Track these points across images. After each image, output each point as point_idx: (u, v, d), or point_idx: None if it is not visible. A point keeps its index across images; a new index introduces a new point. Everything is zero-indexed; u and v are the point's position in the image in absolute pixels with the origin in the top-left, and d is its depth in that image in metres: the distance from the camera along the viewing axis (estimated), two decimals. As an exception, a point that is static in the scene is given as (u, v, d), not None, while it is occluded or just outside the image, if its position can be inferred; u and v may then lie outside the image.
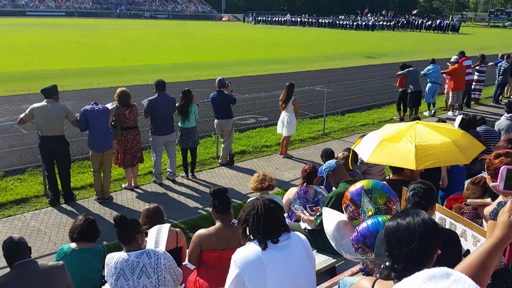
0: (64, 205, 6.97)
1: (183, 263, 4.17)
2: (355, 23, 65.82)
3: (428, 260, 1.97)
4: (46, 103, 6.65)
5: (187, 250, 3.94)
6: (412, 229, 1.98)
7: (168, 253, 3.38)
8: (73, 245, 4.06)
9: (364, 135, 4.82)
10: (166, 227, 3.90)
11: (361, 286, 2.07)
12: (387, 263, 2.05)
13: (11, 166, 8.42)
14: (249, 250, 2.61)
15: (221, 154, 9.01)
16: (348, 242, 3.49)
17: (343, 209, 3.64)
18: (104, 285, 4.15)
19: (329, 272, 4.46)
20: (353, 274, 3.60)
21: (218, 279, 3.56)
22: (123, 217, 3.32)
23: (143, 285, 3.26)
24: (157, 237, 3.80)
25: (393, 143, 4.22)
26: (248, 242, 2.69)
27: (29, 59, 22.90)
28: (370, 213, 3.41)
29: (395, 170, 4.25)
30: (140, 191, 7.62)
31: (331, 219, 3.78)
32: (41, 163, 7.04)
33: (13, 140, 10.01)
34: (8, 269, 3.25)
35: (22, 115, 6.66)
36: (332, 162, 4.39)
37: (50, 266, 3.32)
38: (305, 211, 4.72)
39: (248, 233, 2.70)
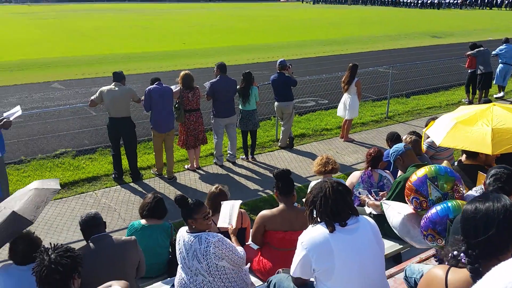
0: (132, 184, 7.29)
1: (247, 243, 4.23)
2: (419, 1, 62.73)
3: (506, 249, 1.84)
4: (114, 86, 6.94)
5: (251, 231, 3.99)
6: (491, 216, 1.86)
7: (224, 240, 3.34)
8: (143, 221, 4.24)
9: (435, 118, 4.59)
10: (238, 203, 3.95)
11: (433, 274, 1.98)
12: (455, 252, 1.94)
13: (82, 146, 8.92)
14: (316, 232, 2.59)
15: (280, 137, 9.00)
16: (416, 234, 3.36)
17: (408, 201, 3.49)
18: (170, 258, 4.34)
19: (393, 258, 4.35)
20: (421, 261, 3.47)
21: (281, 259, 3.57)
22: (183, 198, 3.37)
23: (195, 268, 3.32)
24: (231, 212, 3.87)
25: (468, 126, 3.99)
26: (315, 224, 2.66)
27: (95, 44, 23.98)
28: (438, 202, 3.26)
29: (469, 154, 4.03)
30: (202, 172, 7.80)
31: (393, 212, 3.64)
32: (110, 143, 7.40)
33: (84, 121, 10.57)
34: (84, 242, 3.45)
35: (92, 97, 6.99)
36: (400, 145, 4.23)
37: (123, 240, 3.48)
38: (370, 196, 4.61)
39: (315, 215, 2.67)
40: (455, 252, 1.92)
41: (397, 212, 3.56)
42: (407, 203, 3.55)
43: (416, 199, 3.38)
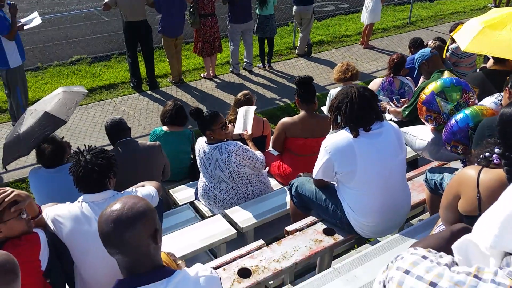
0: (149, 92, 7.31)
1: (267, 150, 4.32)
2: None
3: None
4: (127, -12, 6.64)
5: (271, 137, 4.04)
6: None
7: (243, 147, 3.38)
8: (165, 128, 4.31)
9: (460, 23, 4.37)
10: (252, 108, 3.95)
11: (465, 173, 2.00)
12: (486, 154, 1.95)
13: (97, 52, 8.82)
14: (340, 137, 2.61)
15: (298, 44, 8.75)
16: (443, 152, 3.36)
17: (424, 121, 3.46)
18: (191, 164, 4.48)
19: (410, 164, 4.43)
20: (440, 165, 3.53)
21: (301, 165, 3.66)
22: (198, 110, 3.37)
23: (218, 176, 3.42)
24: (245, 119, 3.91)
25: (496, 31, 3.78)
26: (339, 129, 2.68)
27: None
28: (452, 113, 3.23)
29: (497, 60, 3.89)
30: (218, 80, 7.74)
31: (415, 139, 3.58)
32: (125, 50, 7.28)
33: (96, 27, 10.33)
34: (111, 147, 3.56)
35: (106, 0, 6.75)
36: (426, 50, 4.08)
37: (149, 145, 3.58)
38: (391, 103, 4.57)
39: (339, 121, 2.67)
40: (487, 154, 1.94)
41: (419, 139, 3.54)
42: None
43: (430, 117, 3.35)
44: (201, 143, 3.49)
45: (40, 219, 2.23)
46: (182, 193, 4.08)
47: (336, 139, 2.62)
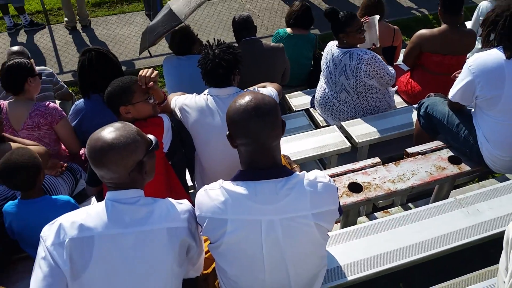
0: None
1: (395, 63, 3.99)
2: None
3: None
4: None
5: (404, 50, 3.69)
6: None
7: (377, 57, 3.09)
8: (289, 30, 4.16)
9: None
10: (376, 18, 3.55)
11: None
12: None
13: None
14: (490, 57, 2.26)
15: None
16: None
17: None
18: (311, 70, 4.35)
19: None
20: None
21: (433, 84, 3.33)
22: (333, 10, 3.11)
23: (341, 84, 3.22)
24: (371, 31, 3.56)
25: None
26: (489, 48, 2.32)
27: None
28: None
29: None
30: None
31: None
32: None
33: None
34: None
35: None
36: None
37: (272, 46, 3.50)
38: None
39: (492, 38, 2.30)
40: None
41: None
42: None
43: None
44: (331, 46, 3.28)
45: (166, 106, 2.34)
46: (298, 100, 4.02)
47: (485, 58, 2.28)
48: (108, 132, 1.41)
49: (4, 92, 3.64)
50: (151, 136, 1.53)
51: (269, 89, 2.34)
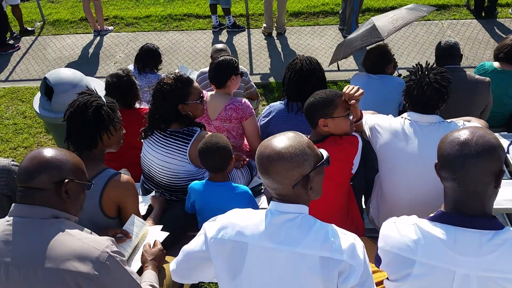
0: (483, 20, 6.43)
1: None
2: None
3: None
4: None
5: None
6: None
7: None
8: (496, 64, 3.72)
9: None
10: None
11: None
12: None
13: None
14: None
15: None
16: None
17: None
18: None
19: None
20: None
21: None
22: None
23: None
24: None
25: None
26: None
27: None
28: None
29: None
30: None
31: None
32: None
33: None
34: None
35: None
36: None
37: (477, 79, 3.18)
38: None
39: None
40: None
41: None
42: None
43: None
44: None
45: (359, 125, 2.28)
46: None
47: None
48: (278, 141, 1.38)
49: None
50: (323, 151, 1.45)
51: (476, 124, 2.09)
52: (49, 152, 1.48)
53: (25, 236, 1.38)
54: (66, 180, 1.47)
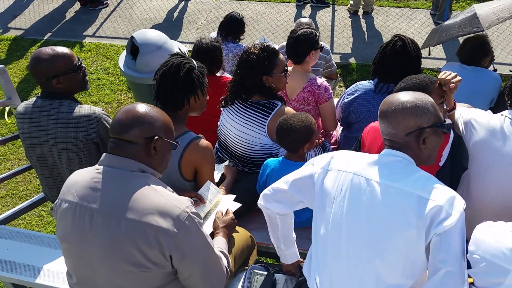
0: None
1: None
2: None
3: None
4: None
5: None
6: None
7: None
8: None
9: None
10: None
11: None
12: None
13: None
14: None
15: None
16: None
17: None
18: None
19: None
20: None
21: None
22: None
23: None
24: None
25: None
26: None
27: None
28: None
29: None
30: None
31: None
32: None
33: None
34: None
35: None
36: None
37: None
38: None
39: None
40: None
41: None
42: None
43: None
44: None
45: (451, 115, 2.13)
46: None
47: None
48: (405, 93, 1.48)
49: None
50: (448, 119, 1.52)
51: None
52: (143, 107, 1.51)
53: (113, 186, 1.43)
54: (156, 137, 1.48)
